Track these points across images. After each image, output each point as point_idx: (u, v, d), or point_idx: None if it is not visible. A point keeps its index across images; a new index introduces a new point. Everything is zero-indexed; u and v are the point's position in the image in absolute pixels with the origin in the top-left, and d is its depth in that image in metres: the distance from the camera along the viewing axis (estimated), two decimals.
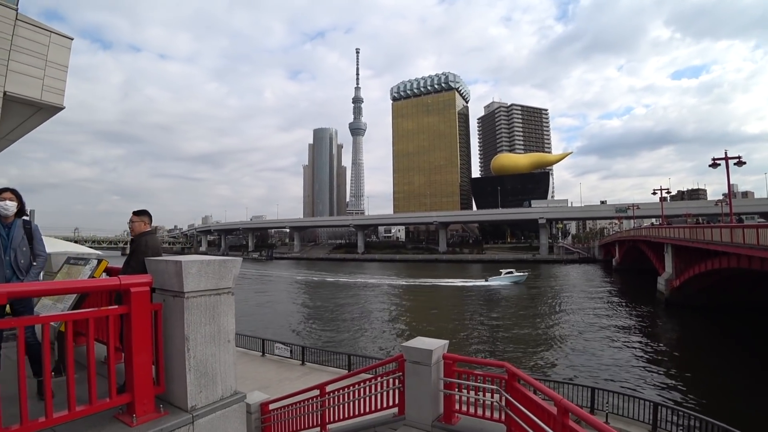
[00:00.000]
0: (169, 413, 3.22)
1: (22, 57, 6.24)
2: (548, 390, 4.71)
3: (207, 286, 3.41)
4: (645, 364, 21.11)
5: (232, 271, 3.61)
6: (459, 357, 6.31)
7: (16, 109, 6.63)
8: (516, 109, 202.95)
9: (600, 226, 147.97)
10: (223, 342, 3.51)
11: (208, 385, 3.37)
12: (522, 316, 33.36)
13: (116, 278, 3.21)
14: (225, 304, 3.55)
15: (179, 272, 3.25)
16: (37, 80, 6.48)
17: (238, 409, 3.51)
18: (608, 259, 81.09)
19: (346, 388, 7.44)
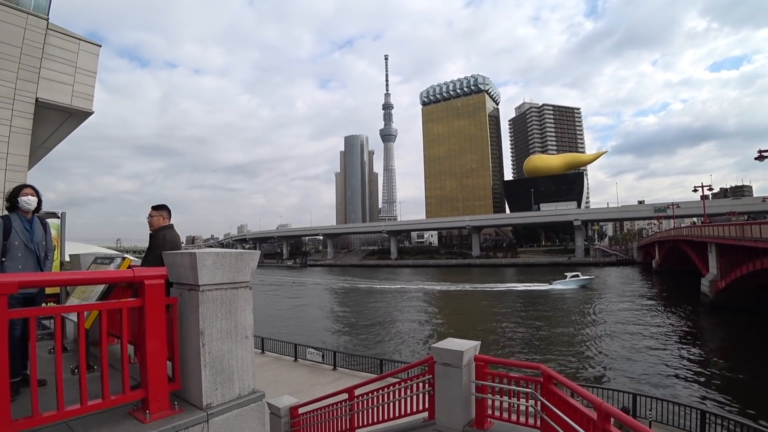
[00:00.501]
0: (183, 411, 3.12)
1: (52, 64, 6.46)
2: (587, 393, 4.33)
3: (223, 279, 3.30)
4: (690, 369, 19.91)
5: (249, 265, 3.49)
6: (491, 358, 5.99)
7: (48, 115, 6.85)
8: (548, 109, 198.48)
9: (638, 227, 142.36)
10: (241, 338, 3.39)
11: (224, 382, 3.25)
12: (557, 319, 32.24)
13: (130, 270, 3.14)
14: (242, 299, 3.44)
15: (194, 264, 3.16)
16: (67, 86, 6.68)
17: (256, 408, 3.38)
18: (647, 261, 78.06)
19: (374, 392, 7.24)
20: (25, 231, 4.01)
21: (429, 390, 6.30)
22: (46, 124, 7.27)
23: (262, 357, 19.64)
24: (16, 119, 6.30)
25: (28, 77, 6.33)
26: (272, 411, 9.06)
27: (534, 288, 53.62)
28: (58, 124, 7.40)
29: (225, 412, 3.19)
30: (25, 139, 6.31)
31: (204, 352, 3.14)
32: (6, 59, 6.23)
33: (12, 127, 6.23)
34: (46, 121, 7.11)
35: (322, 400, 8.40)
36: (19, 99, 6.25)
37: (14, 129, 6.24)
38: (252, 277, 3.51)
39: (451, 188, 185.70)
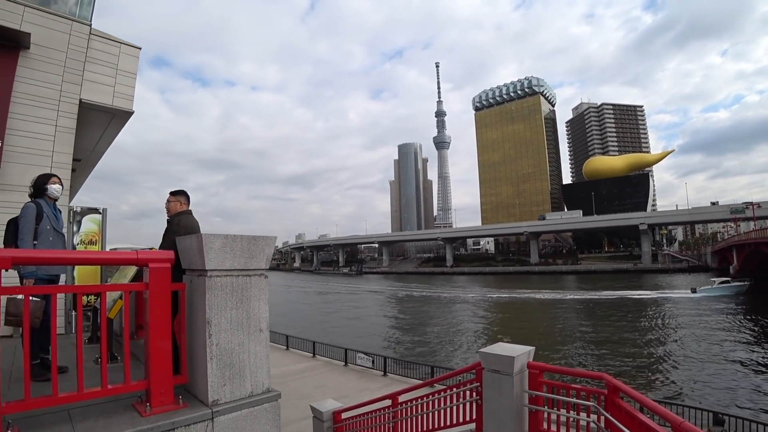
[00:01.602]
0: (188, 406, 2.85)
1: (95, 67, 6.73)
2: (663, 409, 3.65)
3: (234, 264, 3.02)
4: None
5: (264, 251, 3.19)
6: (547, 366, 5.30)
7: (93, 116, 7.10)
8: (607, 108, 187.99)
9: (712, 231, 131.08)
10: (254, 331, 3.09)
11: (233, 378, 2.95)
12: (623, 328, 29.89)
13: (134, 252, 2.94)
14: (256, 288, 3.14)
15: (200, 247, 2.91)
16: (109, 87, 6.92)
17: (270, 409, 3.05)
18: (724, 267, 71.34)
19: (418, 399, 6.76)
20: (54, 216, 4.05)
21: (476, 399, 5.72)
22: (93, 127, 7.58)
23: (313, 360, 19.63)
24: (62, 119, 6.59)
25: (73, 80, 6.63)
26: (315, 415, 8.80)
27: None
28: (104, 126, 7.68)
29: (233, 411, 2.89)
30: (69, 138, 6.59)
31: (211, 344, 2.86)
32: (52, 63, 6.55)
33: (57, 127, 6.52)
34: (93, 122, 7.40)
35: (365, 406, 8.02)
36: (64, 100, 6.55)
37: (59, 129, 6.53)
38: (267, 265, 3.20)
39: (507, 194, 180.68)
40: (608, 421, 4.29)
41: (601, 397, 4.52)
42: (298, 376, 16.77)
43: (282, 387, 10.95)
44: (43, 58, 6.50)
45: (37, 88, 6.37)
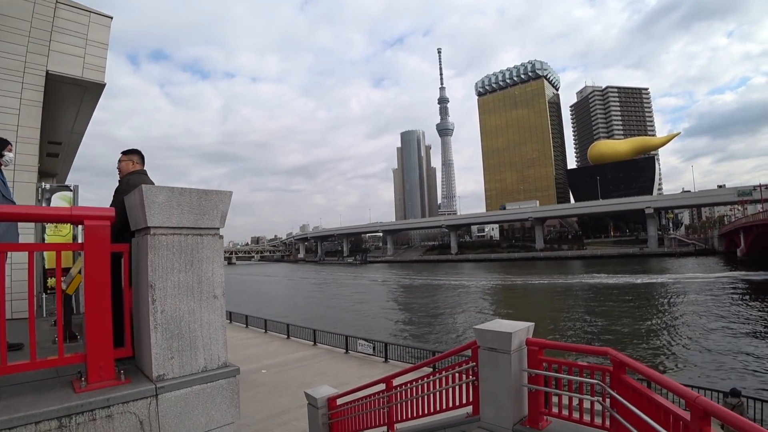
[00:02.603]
0: (131, 382, 2.49)
1: (63, 37, 6.34)
2: (676, 385, 3.23)
3: (182, 222, 2.64)
4: None
5: (218, 207, 2.80)
6: (547, 342, 4.88)
7: (63, 90, 6.72)
8: (612, 91, 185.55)
9: (719, 214, 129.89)
10: (207, 297, 2.71)
11: (183, 350, 2.58)
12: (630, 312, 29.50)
13: (67, 208, 2.56)
14: (209, 248, 2.75)
15: (142, 201, 2.53)
16: (78, 59, 6.54)
17: (226, 386, 2.68)
18: (731, 250, 70.72)
19: (412, 383, 6.41)
20: (3, 184, 3.70)
21: (473, 380, 5.34)
22: (66, 103, 7.22)
23: (314, 348, 19.40)
24: (27, 92, 6.25)
25: (38, 50, 6.28)
26: (310, 402, 8.50)
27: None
28: (78, 102, 7.31)
29: (182, 387, 2.52)
30: (35, 112, 6.25)
31: (154, 311, 2.49)
32: (16, 33, 6.20)
33: (22, 100, 6.19)
34: (65, 97, 7.04)
35: (359, 391, 7.70)
36: (29, 72, 6.21)
37: (24, 102, 6.19)
38: (222, 223, 2.82)
39: (511, 180, 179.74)
40: (614, 400, 3.93)
41: (606, 375, 4.13)
42: (298, 364, 16.55)
43: (281, 375, 10.72)
44: (5, 28, 6.11)
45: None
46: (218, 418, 2.61)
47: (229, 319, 27.97)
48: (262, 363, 16.58)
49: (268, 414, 11.14)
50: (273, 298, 55.74)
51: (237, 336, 23.01)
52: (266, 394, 12.92)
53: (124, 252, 2.73)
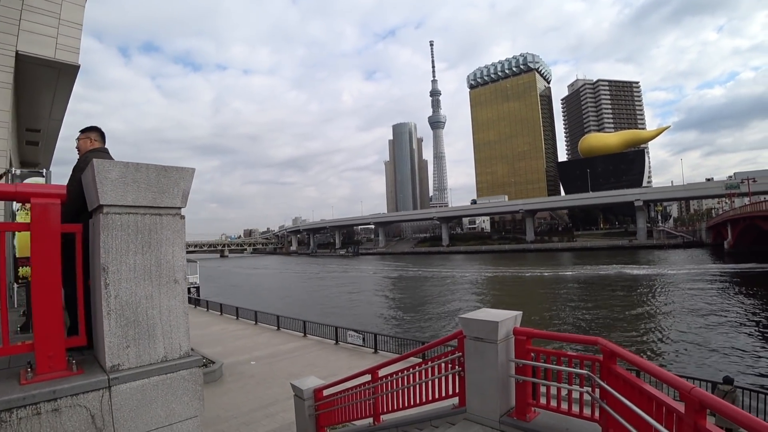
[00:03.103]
0: (84, 372, 2.29)
1: (34, 17, 6.00)
2: (666, 374, 3.08)
3: (138, 200, 2.43)
4: None
5: (179, 185, 2.59)
6: (535, 331, 4.73)
7: (37, 72, 6.41)
8: (603, 85, 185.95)
9: (707, 207, 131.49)
10: (167, 282, 2.51)
11: (140, 338, 2.38)
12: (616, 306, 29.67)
13: (12, 185, 2.34)
14: (169, 229, 2.55)
15: (94, 177, 2.32)
16: (51, 39, 6.21)
17: (188, 377, 2.49)
18: (718, 243, 71.81)
19: (398, 373, 6.27)
20: None
21: (459, 371, 5.20)
22: (41, 86, 6.92)
23: (304, 340, 19.26)
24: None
25: (8, 30, 5.94)
26: (296, 393, 8.34)
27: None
28: (53, 85, 6.99)
29: (139, 378, 2.33)
30: (5, 93, 5.94)
31: (107, 295, 2.29)
32: None
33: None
34: (39, 80, 6.73)
35: (346, 381, 7.55)
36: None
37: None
38: (183, 203, 2.61)
39: (502, 173, 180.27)
40: (604, 391, 3.79)
41: (596, 365, 3.99)
42: (287, 355, 16.39)
43: (270, 367, 10.54)
44: None
45: None
46: (180, 411, 2.42)
47: (220, 311, 27.75)
48: (251, 355, 16.42)
49: (255, 406, 10.99)
50: (267, 289, 55.50)
51: (227, 328, 22.82)
52: (254, 385, 12.77)
53: (77, 233, 2.52)
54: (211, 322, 24.60)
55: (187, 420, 2.44)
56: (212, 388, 12.57)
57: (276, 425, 9.54)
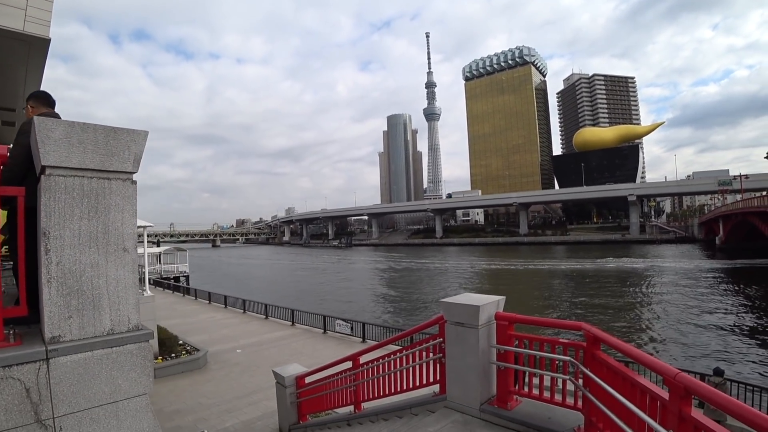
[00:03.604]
0: (22, 344, 2.13)
1: None
2: (651, 359, 2.95)
3: (85, 162, 2.25)
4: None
5: (130, 148, 2.41)
6: (517, 316, 4.57)
7: (4, 46, 6.12)
8: (598, 79, 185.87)
9: (699, 203, 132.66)
10: (115, 250, 2.33)
11: (84, 309, 2.21)
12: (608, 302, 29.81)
13: None
14: (118, 195, 2.37)
15: (35, 137, 2.14)
16: (19, 10, 5.90)
17: (137, 352, 2.33)
18: (710, 239, 72.30)
19: (379, 360, 6.14)
20: None
21: (440, 357, 5.08)
22: (11, 61, 6.62)
23: (291, 329, 19.12)
24: None
25: None
26: (278, 380, 8.22)
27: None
28: (24, 60, 6.69)
29: (81, 351, 2.16)
30: None
31: (48, 262, 2.12)
32: None
33: None
34: (8, 55, 6.43)
35: (328, 368, 7.43)
36: None
37: None
38: (135, 167, 2.43)
39: (496, 166, 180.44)
40: (587, 379, 3.64)
41: (580, 351, 3.87)
42: (274, 344, 16.25)
43: (256, 355, 10.38)
44: None
45: None
46: (126, 388, 2.26)
47: (208, 299, 27.54)
48: (237, 343, 16.25)
49: (239, 393, 10.86)
50: (257, 279, 55.33)
51: (215, 316, 22.63)
52: (239, 373, 12.63)
53: (19, 197, 2.34)
54: (198, 311, 24.41)
55: (135, 398, 2.28)
56: (196, 376, 12.43)
57: (258, 413, 9.41)
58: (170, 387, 11.32)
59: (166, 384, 11.54)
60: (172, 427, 8.55)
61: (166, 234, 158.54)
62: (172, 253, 50.57)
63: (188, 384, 11.66)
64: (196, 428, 8.83)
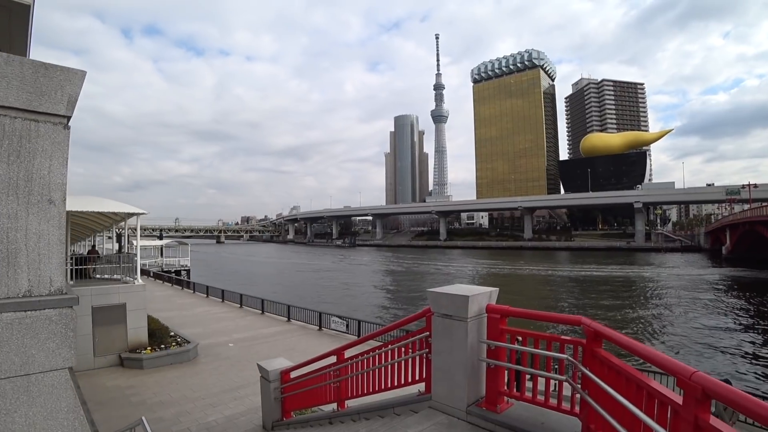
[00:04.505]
0: None
1: None
2: (664, 357, 2.50)
3: (7, 99, 1.93)
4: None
5: (63, 88, 2.10)
6: (510, 309, 4.16)
7: None
8: (607, 85, 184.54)
9: (706, 213, 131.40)
10: (38, 201, 2.02)
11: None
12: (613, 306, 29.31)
13: None
14: (48, 140, 2.06)
15: None
16: None
17: (57, 319, 2.01)
18: (716, 248, 71.52)
19: (364, 354, 5.80)
20: None
21: (426, 352, 4.68)
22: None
23: (287, 325, 18.84)
24: None
25: None
26: (262, 374, 7.87)
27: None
28: (6, 30, 6.45)
29: None
30: None
31: None
32: None
33: None
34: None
35: (314, 362, 7.07)
36: None
37: None
38: (69, 110, 2.13)
39: (502, 170, 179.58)
40: (586, 379, 3.26)
41: (578, 348, 3.47)
42: (268, 339, 15.96)
43: (248, 350, 10.05)
44: None
45: None
46: (41, 360, 1.94)
47: (206, 293, 27.32)
48: (231, 337, 15.98)
49: (226, 387, 10.56)
50: (260, 275, 55.15)
51: (211, 310, 22.39)
52: (228, 367, 12.34)
53: None
54: (195, 304, 24.17)
55: (52, 372, 1.96)
56: (184, 368, 12.15)
57: (243, 408, 9.09)
58: (157, 378, 11.07)
59: (153, 375, 11.30)
60: (153, 419, 8.24)
61: (171, 228, 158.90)
62: (174, 246, 50.53)
63: (176, 376, 11.38)
64: (178, 421, 8.54)
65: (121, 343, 12.59)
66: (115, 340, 12.47)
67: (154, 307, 20.22)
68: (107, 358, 12.30)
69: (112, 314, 12.42)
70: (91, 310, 11.95)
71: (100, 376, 11.30)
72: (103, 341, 12.18)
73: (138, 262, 13.59)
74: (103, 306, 12.25)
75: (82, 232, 20.90)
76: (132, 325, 12.88)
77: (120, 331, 12.58)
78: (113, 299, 12.61)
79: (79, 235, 22.13)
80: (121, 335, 12.60)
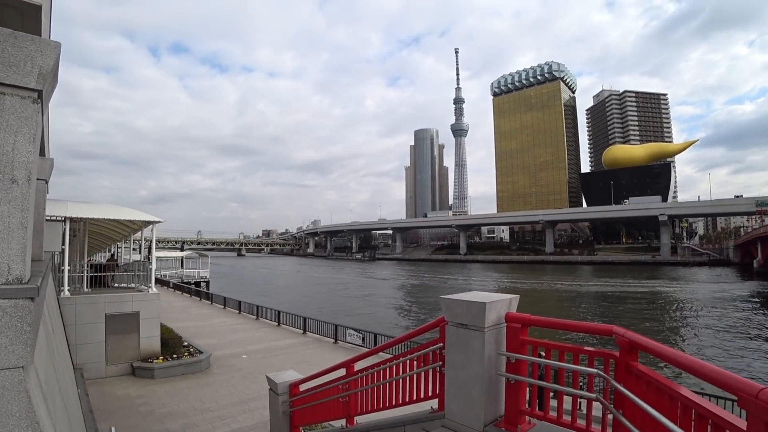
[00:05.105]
0: None
1: None
2: (720, 371, 2.09)
3: None
4: None
5: (34, 59, 1.90)
6: (533, 318, 3.76)
7: None
8: (629, 96, 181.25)
9: (734, 225, 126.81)
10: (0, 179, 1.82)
11: None
12: None
13: None
14: (13, 114, 1.85)
15: None
16: None
17: (13, 311, 1.75)
18: (747, 261, 68.72)
19: (374, 367, 5.44)
20: None
21: (439, 365, 4.30)
22: None
23: (302, 337, 18.56)
24: None
25: None
26: (271, 387, 7.58)
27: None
28: (18, 29, 6.44)
29: None
30: None
31: None
32: None
33: None
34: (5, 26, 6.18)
35: (324, 375, 6.74)
36: None
37: None
38: (42, 84, 1.93)
39: (523, 183, 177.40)
40: (620, 397, 2.86)
41: (610, 361, 3.10)
42: (282, 351, 15.71)
43: (262, 362, 9.79)
44: None
45: None
46: None
47: (223, 304, 27.33)
48: (245, 348, 15.78)
49: (236, 399, 10.30)
50: (280, 288, 55.26)
51: (227, 321, 22.32)
52: (240, 379, 12.09)
53: None
54: (212, 315, 24.16)
55: (2, 371, 1.74)
56: (196, 379, 11.96)
57: (252, 422, 8.80)
58: (167, 388, 10.89)
59: (163, 385, 11.14)
60: (160, 430, 8.04)
61: (193, 241, 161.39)
62: (194, 258, 51.06)
63: (186, 386, 11.19)
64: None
65: (133, 351, 12.50)
66: (127, 348, 12.40)
67: (171, 317, 20.28)
68: (119, 367, 12.21)
69: (125, 322, 12.37)
70: (105, 317, 11.93)
71: (111, 384, 11.21)
72: (115, 349, 12.11)
73: (153, 270, 13.58)
74: (116, 314, 12.22)
75: (101, 241, 21.16)
76: (145, 333, 12.80)
77: (133, 340, 12.51)
78: (127, 307, 12.57)
79: (97, 244, 22.42)
80: (134, 344, 12.53)
